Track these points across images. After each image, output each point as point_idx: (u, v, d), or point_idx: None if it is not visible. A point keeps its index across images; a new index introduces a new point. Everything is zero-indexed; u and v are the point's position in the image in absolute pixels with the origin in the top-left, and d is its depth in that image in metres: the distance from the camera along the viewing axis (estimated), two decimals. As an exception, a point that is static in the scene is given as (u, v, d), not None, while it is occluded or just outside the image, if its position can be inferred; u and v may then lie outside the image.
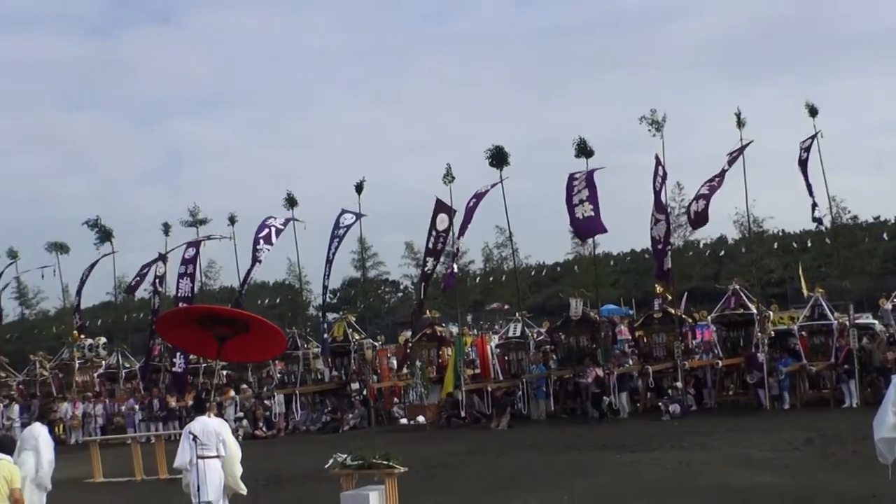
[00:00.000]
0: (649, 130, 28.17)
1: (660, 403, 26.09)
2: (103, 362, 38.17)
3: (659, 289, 29.06)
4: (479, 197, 29.43)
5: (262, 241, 32.93)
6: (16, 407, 35.39)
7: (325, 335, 34.32)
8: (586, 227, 28.26)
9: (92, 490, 21.33)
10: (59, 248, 41.23)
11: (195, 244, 35.30)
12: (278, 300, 64.81)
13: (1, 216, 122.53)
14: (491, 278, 59.01)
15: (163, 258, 36.18)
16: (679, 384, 26.35)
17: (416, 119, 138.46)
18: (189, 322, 16.46)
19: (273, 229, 33.39)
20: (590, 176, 27.62)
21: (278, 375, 33.78)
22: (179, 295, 34.19)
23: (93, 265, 38.72)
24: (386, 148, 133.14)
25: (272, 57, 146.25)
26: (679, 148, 76.27)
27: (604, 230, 28.19)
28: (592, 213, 27.04)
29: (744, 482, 15.33)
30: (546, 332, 31.34)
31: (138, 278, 37.60)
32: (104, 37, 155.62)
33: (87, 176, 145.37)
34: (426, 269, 30.60)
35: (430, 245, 30.85)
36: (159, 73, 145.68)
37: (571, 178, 27.76)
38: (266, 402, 31.41)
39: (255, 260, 32.88)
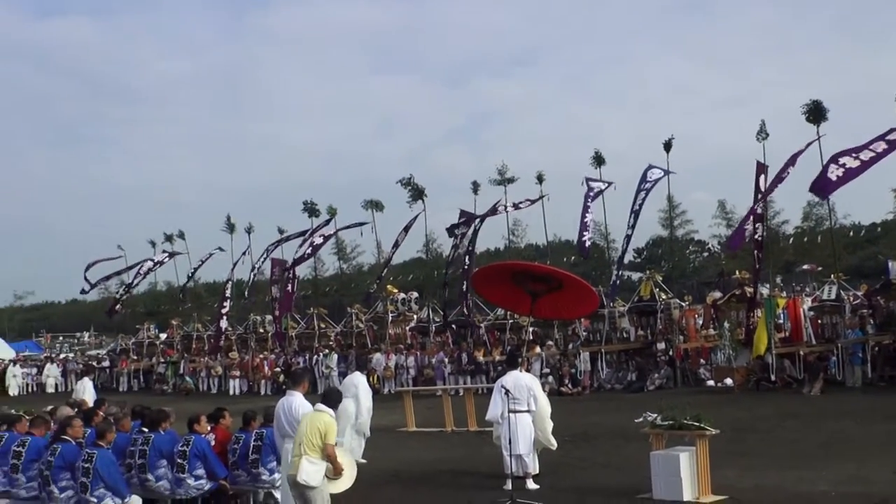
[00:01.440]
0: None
1: None
2: (415, 316, 39.53)
3: None
4: (793, 160, 28.10)
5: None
6: (335, 356, 37.26)
7: (616, 279, 34.38)
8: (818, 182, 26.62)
9: (405, 438, 22.15)
10: (375, 205, 43.04)
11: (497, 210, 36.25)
12: (583, 258, 64.87)
13: (325, 175, 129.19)
14: (805, 238, 56.88)
15: (471, 218, 37.09)
16: None
17: (729, 73, 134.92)
18: (504, 278, 16.81)
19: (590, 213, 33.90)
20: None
21: (583, 333, 33.92)
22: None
23: (408, 226, 40.15)
24: (696, 103, 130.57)
25: (581, 13, 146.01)
26: None
27: (822, 196, 26.76)
28: (839, 174, 25.32)
29: None
30: (864, 296, 29.90)
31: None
32: (414, 2, 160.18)
33: (400, 137, 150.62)
34: (756, 236, 29.53)
35: (758, 209, 29.72)
36: (467, 34, 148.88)
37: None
38: (572, 358, 31.62)
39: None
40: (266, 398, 33.89)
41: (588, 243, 34.87)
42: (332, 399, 11.48)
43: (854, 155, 25.14)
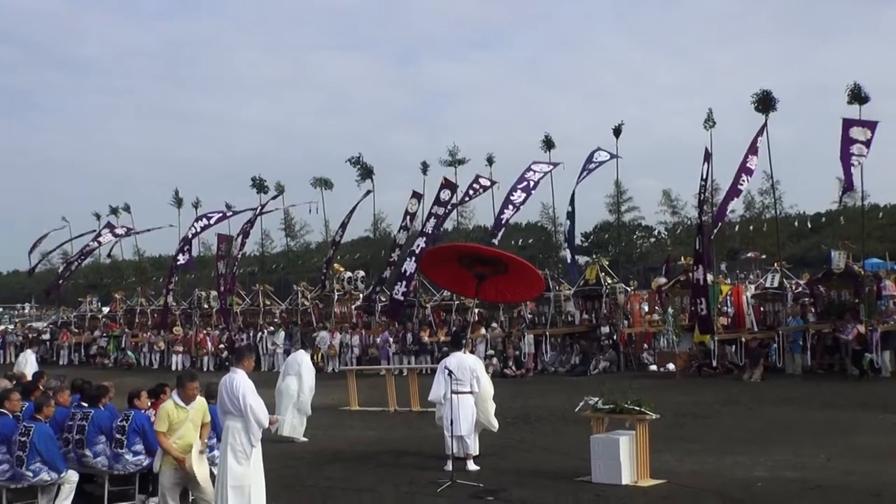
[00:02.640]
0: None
1: (926, 364, 24.81)
2: (361, 295, 39.42)
3: (930, 243, 27.61)
4: (754, 148, 28.30)
5: (518, 190, 33.55)
6: (282, 333, 37.11)
7: (572, 260, 34.50)
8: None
9: (348, 417, 22.07)
10: (324, 183, 42.87)
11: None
12: (531, 241, 65.24)
13: (275, 152, 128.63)
14: (751, 227, 57.52)
15: (417, 196, 37.11)
16: (948, 345, 25.01)
17: (681, 61, 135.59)
18: (451, 259, 16.82)
19: (531, 182, 33.93)
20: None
21: (529, 316, 34.02)
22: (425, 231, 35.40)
23: (354, 207, 40.09)
24: (647, 90, 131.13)
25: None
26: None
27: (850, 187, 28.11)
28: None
29: None
30: (805, 284, 30.29)
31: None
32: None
33: (351, 115, 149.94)
34: (700, 222, 29.73)
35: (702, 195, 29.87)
36: (422, 14, 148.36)
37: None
38: (516, 341, 31.67)
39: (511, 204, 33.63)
40: (208, 374, 33.63)
41: (504, 220, 35.06)
42: (177, 384, 11.32)
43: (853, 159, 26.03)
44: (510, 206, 34.47)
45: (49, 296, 55.68)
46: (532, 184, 34.34)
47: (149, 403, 13.39)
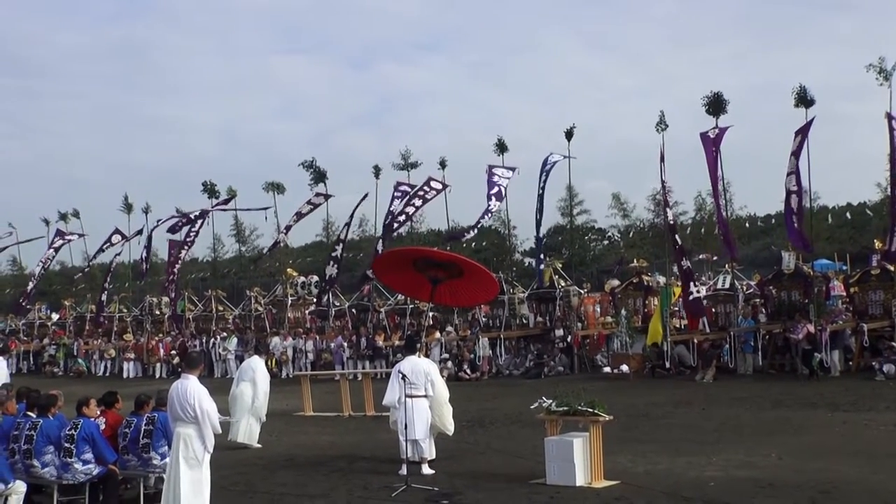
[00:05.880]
0: (876, 79, 26.71)
1: (874, 363, 25.05)
2: (314, 300, 39.27)
3: (878, 244, 27.91)
4: (715, 151, 28.49)
5: (493, 199, 33.74)
6: (234, 339, 36.88)
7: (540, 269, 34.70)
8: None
9: (302, 422, 22.00)
10: (276, 188, 42.48)
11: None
12: (484, 243, 65.18)
13: (226, 156, 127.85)
14: (702, 229, 57.93)
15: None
16: (895, 343, 25.30)
17: (633, 65, 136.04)
18: (405, 264, 16.77)
19: (501, 188, 34.15)
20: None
21: (483, 319, 34.05)
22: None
23: (316, 204, 39.80)
24: (599, 93, 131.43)
25: (489, 1, 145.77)
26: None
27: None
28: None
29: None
30: (756, 285, 30.55)
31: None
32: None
33: (304, 119, 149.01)
34: (668, 219, 29.91)
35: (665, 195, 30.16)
36: (375, 17, 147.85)
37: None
38: (471, 344, 31.66)
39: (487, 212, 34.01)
40: (161, 381, 33.44)
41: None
42: None
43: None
44: (488, 215, 34.85)
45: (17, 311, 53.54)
46: (502, 190, 34.54)
47: (98, 412, 13.25)
